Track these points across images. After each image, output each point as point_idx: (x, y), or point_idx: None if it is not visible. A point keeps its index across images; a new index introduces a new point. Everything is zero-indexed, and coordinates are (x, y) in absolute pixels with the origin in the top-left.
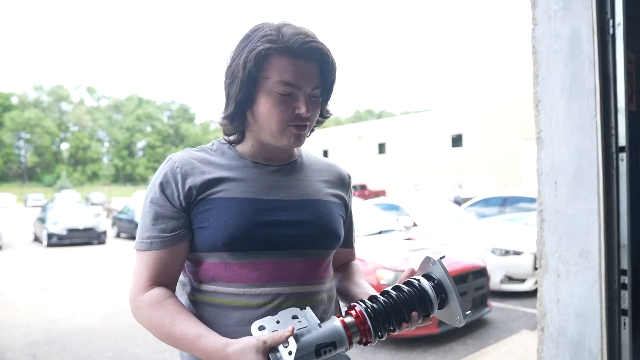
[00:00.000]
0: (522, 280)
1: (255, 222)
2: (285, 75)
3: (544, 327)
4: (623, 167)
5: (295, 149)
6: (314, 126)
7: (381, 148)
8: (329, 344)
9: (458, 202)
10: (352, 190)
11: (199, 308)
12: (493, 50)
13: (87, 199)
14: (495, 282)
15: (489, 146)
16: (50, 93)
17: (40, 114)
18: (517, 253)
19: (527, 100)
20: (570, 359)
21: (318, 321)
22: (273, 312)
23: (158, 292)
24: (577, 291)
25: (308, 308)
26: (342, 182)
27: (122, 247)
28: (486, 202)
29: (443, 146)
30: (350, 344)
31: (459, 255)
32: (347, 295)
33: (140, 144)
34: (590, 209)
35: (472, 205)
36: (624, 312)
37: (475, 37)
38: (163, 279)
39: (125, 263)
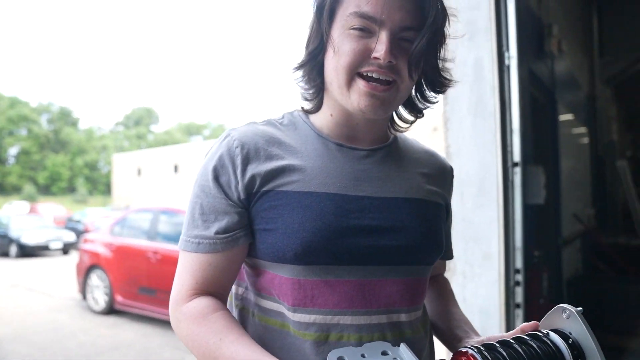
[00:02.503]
0: None
1: (340, 228)
2: (363, 5)
3: None
4: (517, 180)
5: (389, 130)
6: (422, 107)
7: None
8: None
9: None
10: None
11: (255, 330)
12: None
13: None
14: None
15: None
16: None
17: None
18: None
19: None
20: None
21: None
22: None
23: (203, 303)
24: (480, 290)
25: (404, 344)
26: (444, 176)
27: None
28: None
29: None
30: None
31: None
32: (439, 329)
33: (13, 149)
34: (492, 217)
35: None
36: (518, 306)
37: None
38: (211, 287)
39: None
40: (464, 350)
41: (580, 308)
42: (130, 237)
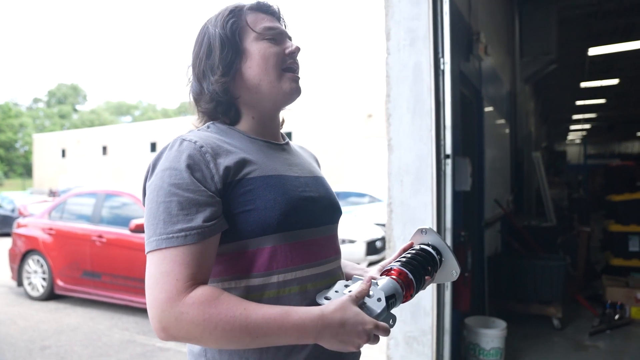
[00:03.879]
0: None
1: (299, 199)
2: (267, 23)
3: None
4: (448, 170)
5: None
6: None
7: None
8: (392, 297)
9: None
10: None
11: None
12: (326, 57)
13: None
14: None
15: (317, 145)
16: None
17: None
18: (351, 241)
19: (353, 108)
20: (411, 316)
21: (375, 280)
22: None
23: (207, 289)
24: None
25: (356, 276)
26: (318, 163)
27: None
28: None
29: None
30: (403, 297)
31: None
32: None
33: None
34: (426, 202)
35: None
36: None
37: (313, 42)
38: (203, 275)
39: None
40: (388, 267)
41: (430, 226)
42: (71, 221)
